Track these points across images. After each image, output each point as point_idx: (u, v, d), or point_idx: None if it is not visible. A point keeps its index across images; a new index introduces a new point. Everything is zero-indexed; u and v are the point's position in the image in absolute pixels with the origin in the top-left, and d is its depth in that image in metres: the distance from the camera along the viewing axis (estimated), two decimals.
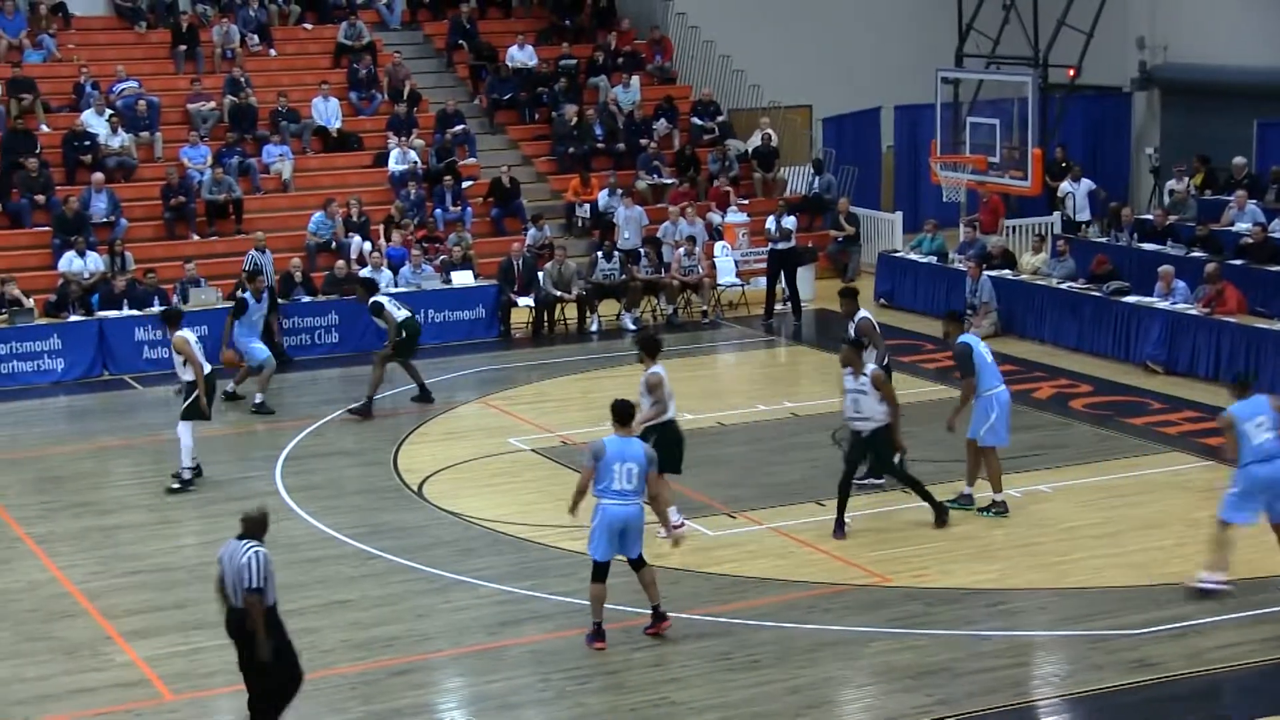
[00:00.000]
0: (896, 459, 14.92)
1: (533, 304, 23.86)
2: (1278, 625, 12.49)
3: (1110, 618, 12.73)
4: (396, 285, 23.14)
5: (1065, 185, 27.36)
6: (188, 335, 16.74)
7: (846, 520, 14.73)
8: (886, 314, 24.78)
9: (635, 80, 29.75)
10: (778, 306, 24.77)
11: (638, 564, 12.38)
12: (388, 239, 24.60)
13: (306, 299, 22.89)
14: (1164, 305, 21.08)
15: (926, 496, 14.96)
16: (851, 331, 15.91)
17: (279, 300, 22.21)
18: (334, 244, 24.53)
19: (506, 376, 21.58)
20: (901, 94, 30.18)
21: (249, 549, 10.43)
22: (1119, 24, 29.78)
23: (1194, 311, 20.62)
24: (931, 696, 11.38)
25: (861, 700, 11.61)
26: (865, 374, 14.48)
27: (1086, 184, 27.27)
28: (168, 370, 21.75)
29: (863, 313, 16.27)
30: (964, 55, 28.40)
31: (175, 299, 22.48)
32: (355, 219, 25.02)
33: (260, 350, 20.01)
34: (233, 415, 19.80)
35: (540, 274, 23.98)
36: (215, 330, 22.17)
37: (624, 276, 24.34)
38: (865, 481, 15.82)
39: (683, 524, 14.83)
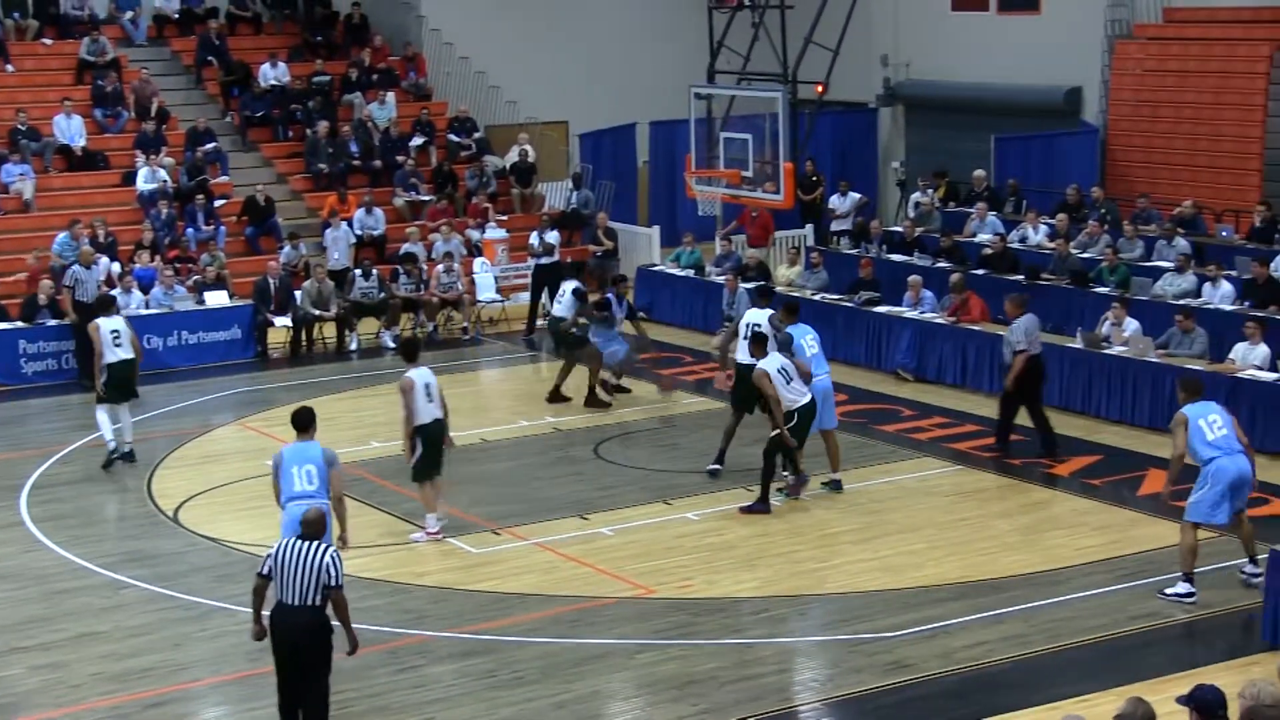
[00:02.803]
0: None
1: (290, 323, 23.48)
2: (1016, 624, 12.95)
3: (867, 621, 13.06)
4: (148, 307, 22.52)
5: (834, 199, 28.05)
6: (99, 322, 17.63)
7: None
8: (645, 326, 25.03)
9: (391, 97, 29.50)
10: (539, 322, 24.82)
11: None
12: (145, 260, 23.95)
13: (52, 322, 22.09)
14: (913, 314, 21.73)
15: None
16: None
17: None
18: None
19: (264, 397, 21.15)
20: (656, 110, 30.55)
21: (325, 549, 10.25)
22: (864, 42, 30.64)
23: (941, 320, 21.32)
24: (697, 706, 11.51)
25: (629, 712, 11.69)
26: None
27: (854, 197, 28.01)
28: None
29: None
30: (716, 72, 28.86)
31: None
32: (102, 240, 24.25)
33: (616, 354, 20.21)
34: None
35: (298, 293, 23.61)
36: None
37: (383, 294, 24.11)
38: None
39: (440, 533, 15.13)
